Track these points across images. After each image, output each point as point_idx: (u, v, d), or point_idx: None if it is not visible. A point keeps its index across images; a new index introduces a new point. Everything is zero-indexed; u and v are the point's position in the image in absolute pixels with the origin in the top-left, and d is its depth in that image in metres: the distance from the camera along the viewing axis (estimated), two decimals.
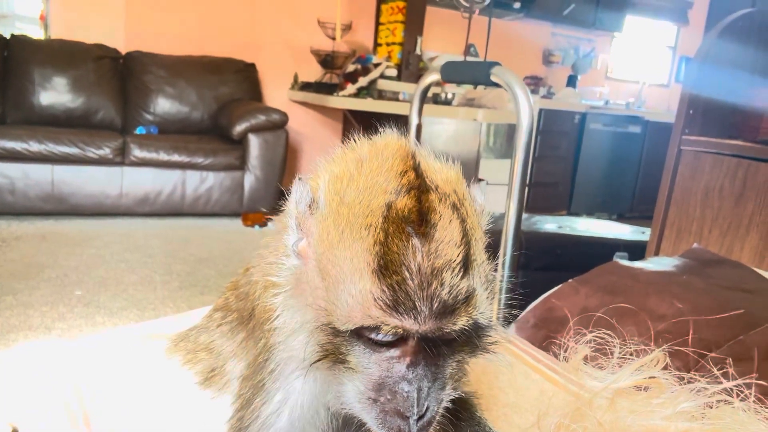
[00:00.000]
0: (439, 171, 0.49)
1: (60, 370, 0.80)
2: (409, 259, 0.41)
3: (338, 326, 0.43)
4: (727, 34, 1.88)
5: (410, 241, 0.42)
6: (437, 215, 0.43)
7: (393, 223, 0.42)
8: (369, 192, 0.44)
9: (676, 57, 7.37)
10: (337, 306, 0.43)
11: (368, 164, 0.46)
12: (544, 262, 2.26)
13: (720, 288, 1.04)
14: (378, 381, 0.44)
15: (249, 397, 0.52)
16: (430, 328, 0.42)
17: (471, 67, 1.49)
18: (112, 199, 4.09)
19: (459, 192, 0.47)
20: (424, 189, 0.45)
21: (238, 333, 0.60)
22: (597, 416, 0.53)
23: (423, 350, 0.44)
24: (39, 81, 4.26)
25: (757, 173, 1.70)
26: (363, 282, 0.42)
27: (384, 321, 0.42)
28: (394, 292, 0.41)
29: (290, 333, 0.48)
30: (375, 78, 4.88)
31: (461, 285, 0.42)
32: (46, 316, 2.52)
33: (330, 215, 0.45)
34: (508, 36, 5.83)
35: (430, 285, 0.41)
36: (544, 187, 5.86)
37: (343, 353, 0.45)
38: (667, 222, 1.93)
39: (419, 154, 0.49)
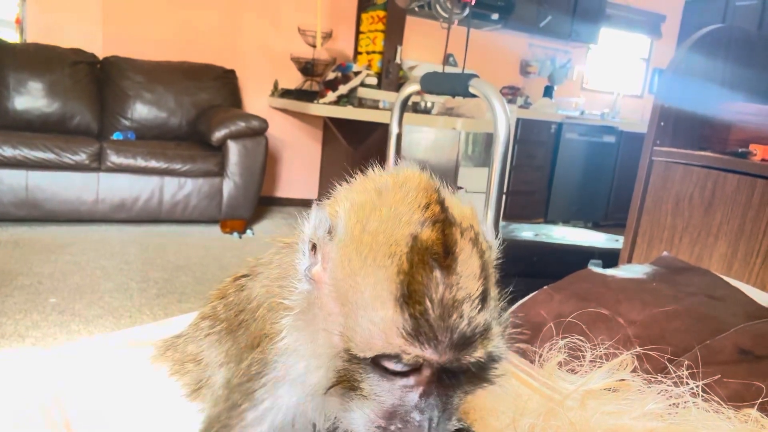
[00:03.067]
0: (457, 206, 0.50)
1: (39, 379, 0.79)
2: (432, 290, 0.42)
3: (357, 353, 0.44)
4: (698, 47, 1.94)
5: (434, 272, 0.43)
6: (459, 249, 0.44)
7: (418, 254, 0.43)
8: (393, 222, 0.45)
9: (649, 69, 7.54)
10: (357, 333, 0.44)
11: (391, 195, 0.47)
12: (521, 269, 2.30)
13: (688, 294, 1.07)
14: (390, 409, 0.45)
15: (238, 401, 0.54)
16: (448, 359, 0.43)
17: (450, 78, 1.52)
18: (88, 206, 4.04)
19: (475, 228, 0.48)
20: (448, 223, 0.46)
21: (225, 343, 0.61)
22: (569, 416, 0.55)
23: (437, 381, 0.45)
24: (14, 85, 4.19)
25: (726, 184, 1.75)
26: (385, 310, 0.42)
27: (405, 350, 0.42)
28: (416, 322, 0.42)
29: (292, 354, 0.49)
30: (355, 86, 4.90)
31: (479, 318, 0.43)
32: (20, 324, 2.47)
33: (352, 242, 0.46)
34: (486, 46, 5.91)
35: (451, 316, 0.42)
36: (521, 196, 5.93)
37: (357, 380, 0.45)
38: (639, 230, 1.98)
39: (443, 189, 0.50)
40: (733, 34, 2.05)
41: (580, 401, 0.57)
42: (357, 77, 4.95)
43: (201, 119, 4.61)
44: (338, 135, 5.09)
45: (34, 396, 0.76)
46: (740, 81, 2.02)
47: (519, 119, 5.66)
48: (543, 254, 2.38)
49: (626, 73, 7.48)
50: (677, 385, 0.60)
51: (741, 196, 1.70)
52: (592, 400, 0.58)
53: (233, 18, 5.16)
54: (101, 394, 0.77)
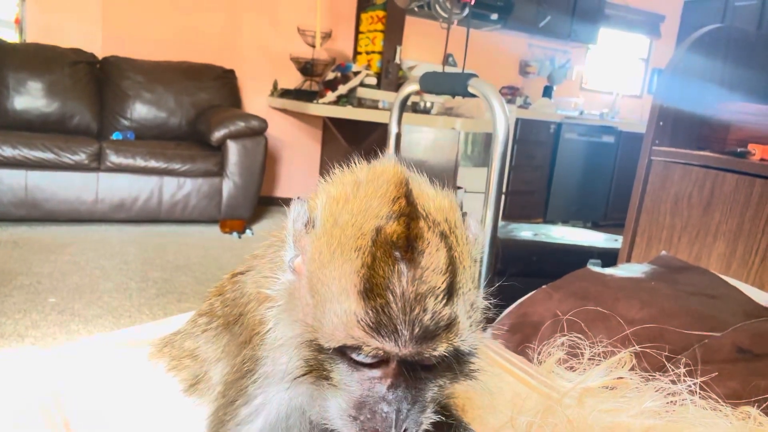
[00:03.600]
0: (432, 198, 0.50)
1: (38, 379, 0.79)
2: (394, 284, 0.42)
3: (323, 343, 0.45)
4: (697, 48, 1.95)
5: (396, 266, 0.43)
6: (425, 243, 0.45)
7: (381, 248, 0.43)
8: (362, 215, 0.45)
9: (648, 69, 7.55)
10: (323, 324, 0.44)
11: (364, 188, 0.48)
12: (520, 269, 2.30)
13: (686, 294, 1.08)
14: (359, 399, 0.46)
15: (232, 398, 0.54)
16: (410, 352, 0.43)
17: (449, 78, 1.52)
18: (87, 205, 4.04)
19: (450, 220, 0.48)
20: (414, 216, 0.46)
21: (222, 338, 0.62)
22: (566, 414, 0.55)
23: (405, 373, 0.45)
24: (13, 85, 4.19)
25: (724, 183, 1.75)
26: (348, 302, 0.43)
27: (365, 342, 0.43)
28: (377, 315, 0.42)
29: (279, 347, 0.50)
30: (355, 86, 4.91)
31: (443, 312, 0.43)
32: (19, 324, 2.47)
33: (324, 235, 0.46)
34: (485, 46, 5.92)
35: (413, 310, 0.42)
36: (521, 196, 5.94)
37: (327, 370, 0.46)
38: (638, 230, 1.98)
39: (413, 182, 0.50)
40: (732, 34, 2.05)
41: (578, 399, 0.57)
42: (356, 77, 4.95)
43: (200, 119, 4.61)
44: (338, 135, 5.09)
45: (33, 395, 0.76)
46: (739, 81, 2.02)
47: (518, 119, 5.66)
48: (542, 254, 2.39)
49: (625, 73, 7.49)
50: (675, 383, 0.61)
51: (739, 195, 1.70)
52: (590, 398, 0.58)
53: (233, 18, 5.16)
54: (100, 394, 0.77)
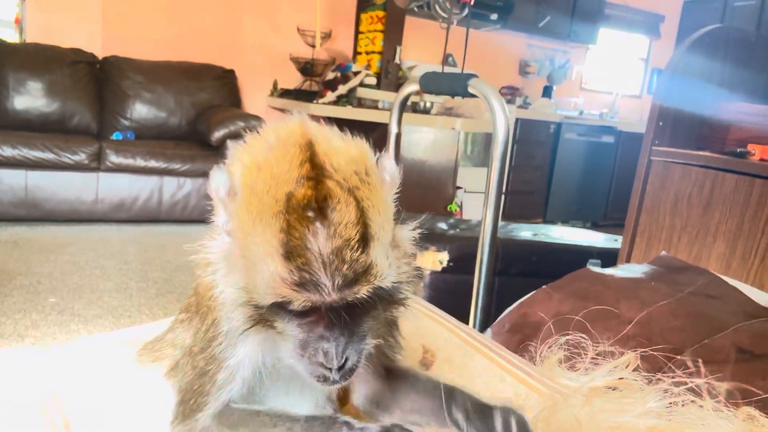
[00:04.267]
0: (343, 152, 0.53)
1: (38, 379, 0.80)
2: (311, 242, 0.47)
3: (258, 302, 0.50)
4: (696, 48, 1.95)
5: (310, 226, 0.47)
6: (334, 200, 0.48)
7: (294, 212, 0.47)
8: (275, 182, 0.49)
9: (648, 69, 7.55)
10: (256, 285, 0.50)
11: (274, 154, 0.51)
12: (520, 269, 2.30)
13: (687, 294, 1.08)
14: (302, 341, 0.51)
15: (203, 367, 0.58)
16: (334, 299, 0.48)
17: (449, 78, 1.52)
18: (87, 205, 4.04)
19: (360, 170, 0.51)
20: (322, 176, 0.49)
21: (193, 323, 0.65)
22: (573, 412, 0.55)
23: (335, 314, 0.50)
24: (13, 85, 4.19)
25: (724, 183, 1.76)
26: (273, 265, 0.48)
27: (294, 297, 0.48)
28: (300, 272, 0.47)
29: (229, 305, 0.55)
30: (354, 86, 4.90)
31: (360, 260, 0.48)
32: (19, 324, 2.47)
33: (244, 203, 0.50)
34: (485, 47, 5.92)
35: (332, 263, 0.47)
36: (521, 195, 5.94)
37: (269, 321, 0.51)
38: (638, 230, 1.98)
39: (320, 141, 0.53)
40: (732, 34, 2.05)
41: (585, 398, 0.58)
42: (356, 77, 4.95)
43: (200, 119, 4.61)
44: None
45: (33, 395, 0.76)
46: (738, 81, 2.02)
47: (518, 119, 5.66)
48: (542, 254, 2.39)
49: (625, 73, 7.49)
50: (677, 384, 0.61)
51: (739, 195, 1.71)
52: (596, 398, 0.58)
53: (233, 18, 5.16)
54: (100, 394, 0.78)
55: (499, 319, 1.16)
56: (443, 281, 2.22)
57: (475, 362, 0.89)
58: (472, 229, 2.46)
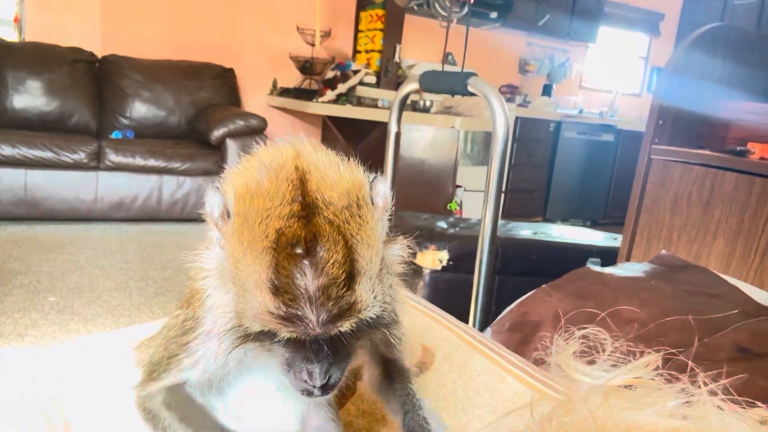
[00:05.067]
0: (335, 184, 0.53)
1: (38, 379, 0.79)
2: (298, 280, 0.48)
3: (247, 327, 0.52)
4: (696, 46, 1.94)
5: (298, 264, 0.48)
6: (323, 239, 0.49)
7: (283, 250, 0.49)
8: (265, 215, 0.50)
9: (648, 67, 7.54)
10: (245, 311, 0.51)
11: (266, 186, 0.52)
12: (520, 268, 2.30)
13: (686, 293, 1.08)
14: (288, 360, 0.54)
15: (174, 351, 0.61)
16: (318, 333, 0.50)
17: (449, 77, 1.52)
18: (86, 204, 4.04)
19: (352, 204, 0.52)
20: (312, 214, 0.51)
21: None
22: (590, 409, 0.55)
23: (318, 343, 0.52)
24: (12, 84, 4.19)
25: (724, 182, 1.75)
26: (262, 297, 0.49)
27: (279, 330, 0.50)
28: (287, 308, 0.48)
29: (217, 310, 0.57)
30: (354, 85, 4.90)
31: (345, 297, 0.49)
32: (19, 323, 2.47)
33: (236, 232, 0.52)
34: (485, 45, 5.91)
35: (318, 300, 0.48)
36: (520, 194, 5.94)
37: (259, 340, 0.53)
38: (637, 229, 1.98)
39: (312, 175, 0.53)
40: (732, 32, 2.05)
41: (603, 396, 0.57)
42: (356, 76, 4.95)
43: (200, 118, 4.61)
44: (337, 134, 5.08)
45: (33, 395, 0.76)
46: (738, 79, 2.02)
47: (518, 118, 5.66)
48: (542, 253, 2.39)
49: (625, 71, 7.49)
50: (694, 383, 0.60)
51: (739, 194, 1.70)
52: (613, 396, 0.58)
53: (232, 17, 5.15)
54: (100, 394, 0.77)
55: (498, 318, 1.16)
56: (443, 280, 2.22)
57: (475, 361, 0.88)
58: (472, 228, 2.45)
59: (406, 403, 0.65)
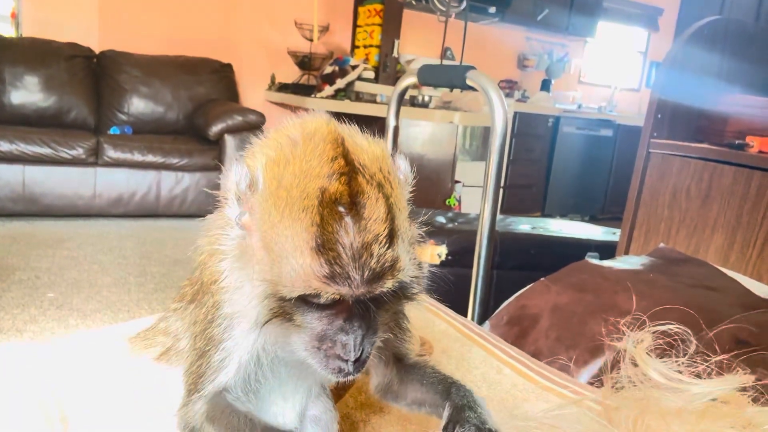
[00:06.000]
0: (366, 150, 0.54)
1: (35, 372, 0.79)
2: (342, 237, 0.48)
3: (284, 294, 0.51)
4: (694, 40, 1.94)
5: (342, 221, 0.48)
6: (365, 196, 0.50)
7: (327, 206, 0.48)
8: (304, 176, 0.50)
9: (646, 62, 7.54)
10: (283, 277, 0.50)
11: (302, 149, 0.52)
12: (519, 262, 2.31)
13: (685, 286, 1.08)
14: (321, 333, 0.53)
15: (203, 348, 0.60)
16: (362, 293, 0.49)
17: (447, 70, 1.51)
18: (85, 200, 4.03)
19: (384, 169, 0.53)
20: (353, 172, 0.51)
21: (188, 309, 0.66)
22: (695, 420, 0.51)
23: (357, 308, 0.52)
24: (10, 80, 4.17)
25: (722, 176, 1.76)
26: (304, 258, 0.49)
27: (324, 290, 0.49)
28: (330, 266, 0.48)
29: (236, 291, 0.56)
30: (352, 80, 4.89)
31: (387, 255, 0.49)
32: (18, 319, 2.47)
33: (270, 197, 0.51)
34: (483, 40, 5.90)
35: (361, 257, 0.48)
36: (519, 189, 5.94)
37: (290, 313, 0.52)
38: (636, 223, 1.98)
39: (347, 138, 0.54)
40: (730, 26, 2.05)
41: (703, 409, 0.52)
42: (354, 71, 4.94)
43: (198, 113, 4.60)
44: None
45: (31, 391, 0.76)
46: (737, 73, 2.02)
47: (516, 113, 5.65)
48: (540, 247, 2.39)
49: (623, 66, 7.48)
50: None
51: (738, 187, 1.70)
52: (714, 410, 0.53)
53: (230, 12, 5.14)
54: (98, 388, 0.78)
55: (497, 312, 1.16)
56: (442, 275, 2.22)
57: (473, 354, 0.89)
58: (471, 223, 2.45)
59: (442, 382, 0.62)
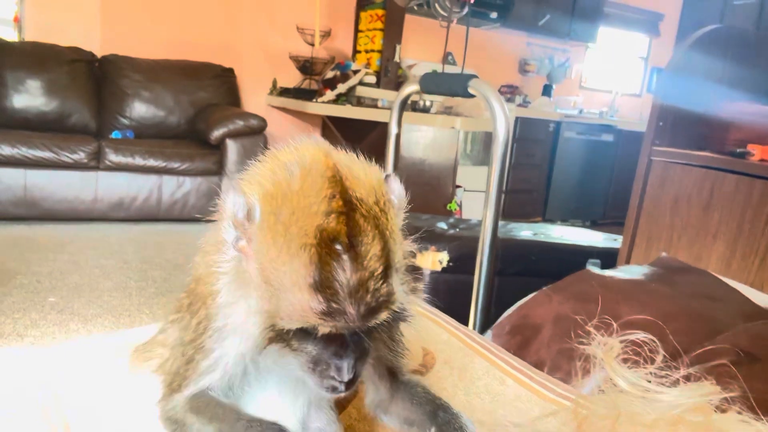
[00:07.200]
0: (363, 181, 0.54)
1: (38, 379, 0.79)
2: (340, 275, 0.49)
3: (282, 326, 0.52)
4: (696, 47, 1.95)
5: (339, 259, 0.49)
6: (362, 234, 0.51)
7: (325, 246, 0.49)
8: (302, 213, 0.51)
9: (648, 67, 7.54)
10: (281, 310, 0.51)
11: (299, 184, 0.52)
12: (520, 268, 2.30)
13: (686, 296, 1.08)
14: (316, 357, 0.54)
15: (191, 355, 0.61)
16: (357, 326, 0.51)
17: (449, 79, 1.52)
18: (86, 204, 4.03)
19: (380, 201, 0.54)
20: (351, 210, 0.51)
21: (184, 320, 0.66)
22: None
23: (350, 337, 0.53)
24: (12, 84, 4.18)
25: (724, 183, 1.76)
26: (302, 293, 0.50)
27: (321, 324, 0.50)
28: (328, 303, 0.49)
29: (231, 306, 0.57)
30: (354, 85, 4.90)
31: (382, 289, 0.50)
32: (19, 324, 2.47)
33: (268, 232, 0.52)
34: (485, 45, 5.91)
35: (358, 293, 0.49)
36: (520, 194, 5.94)
37: (286, 339, 0.54)
38: (638, 230, 1.98)
39: (344, 170, 0.54)
40: (731, 33, 2.05)
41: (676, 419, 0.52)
42: (356, 76, 4.95)
43: (199, 118, 4.60)
44: (337, 134, 5.08)
45: (33, 396, 0.76)
46: (738, 81, 2.02)
47: (517, 118, 5.66)
48: (541, 253, 2.39)
49: (625, 71, 7.48)
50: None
51: (739, 196, 1.70)
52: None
53: (232, 17, 5.15)
54: (100, 395, 0.78)
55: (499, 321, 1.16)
56: (443, 281, 2.22)
57: (476, 364, 0.89)
58: (472, 229, 2.45)
59: (430, 403, 0.64)
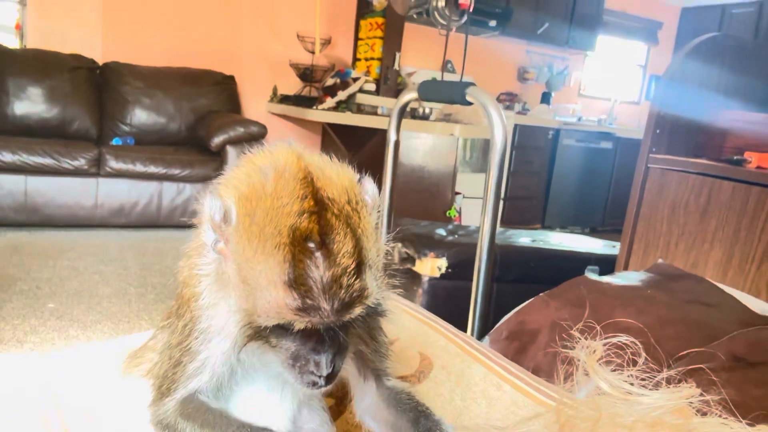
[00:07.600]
0: (335, 182, 0.56)
1: (38, 385, 0.80)
2: (313, 272, 0.51)
3: (259, 323, 0.54)
4: (694, 56, 1.96)
5: (312, 257, 0.51)
6: (334, 232, 0.53)
7: (298, 244, 0.51)
8: (276, 214, 0.53)
9: (646, 75, 7.58)
10: (258, 308, 0.54)
11: (273, 186, 0.55)
12: (518, 275, 2.31)
13: (683, 302, 1.08)
14: (295, 353, 0.56)
15: (178, 358, 0.62)
16: (332, 321, 0.52)
17: (447, 87, 1.53)
18: (86, 211, 4.04)
19: (352, 200, 0.56)
20: (323, 210, 0.53)
21: (173, 325, 0.67)
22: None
23: (327, 332, 0.55)
24: (13, 91, 4.20)
25: (721, 191, 1.77)
26: (277, 291, 0.52)
27: (296, 320, 0.52)
28: (302, 299, 0.51)
29: (213, 307, 0.59)
30: (354, 92, 4.92)
31: (355, 285, 0.52)
32: (18, 330, 2.48)
33: (244, 233, 0.54)
34: (484, 53, 5.94)
35: (331, 289, 0.51)
36: (519, 201, 5.95)
37: (265, 336, 0.56)
38: (635, 237, 1.99)
39: (316, 171, 0.56)
40: (729, 42, 2.07)
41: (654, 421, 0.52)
42: (356, 83, 4.97)
43: (200, 125, 4.62)
44: (337, 141, 5.10)
45: (32, 403, 0.76)
46: (735, 89, 2.04)
47: (516, 125, 5.68)
48: (540, 260, 2.39)
49: (623, 79, 7.52)
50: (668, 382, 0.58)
51: (736, 203, 1.72)
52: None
53: (232, 24, 5.18)
54: (100, 399, 0.78)
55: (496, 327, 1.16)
56: (442, 287, 2.22)
57: (473, 370, 0.89)
58: (471, 236, 2.46)
59: (413, 410, 0.65)
